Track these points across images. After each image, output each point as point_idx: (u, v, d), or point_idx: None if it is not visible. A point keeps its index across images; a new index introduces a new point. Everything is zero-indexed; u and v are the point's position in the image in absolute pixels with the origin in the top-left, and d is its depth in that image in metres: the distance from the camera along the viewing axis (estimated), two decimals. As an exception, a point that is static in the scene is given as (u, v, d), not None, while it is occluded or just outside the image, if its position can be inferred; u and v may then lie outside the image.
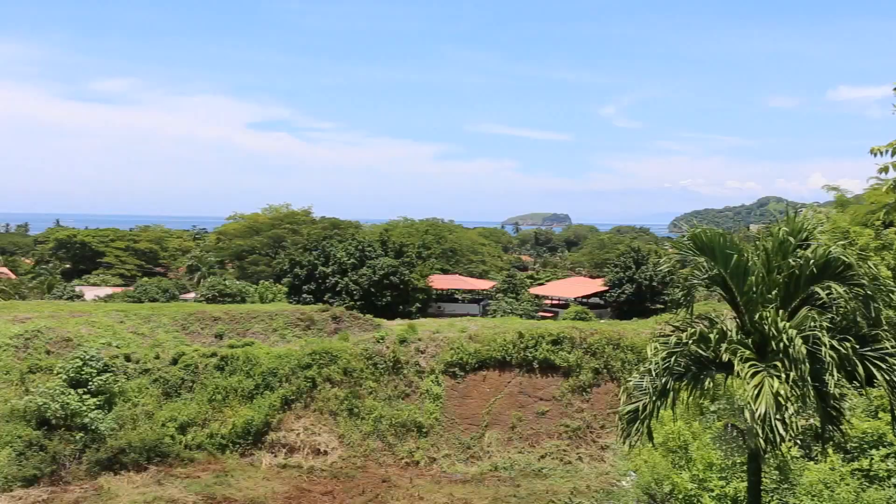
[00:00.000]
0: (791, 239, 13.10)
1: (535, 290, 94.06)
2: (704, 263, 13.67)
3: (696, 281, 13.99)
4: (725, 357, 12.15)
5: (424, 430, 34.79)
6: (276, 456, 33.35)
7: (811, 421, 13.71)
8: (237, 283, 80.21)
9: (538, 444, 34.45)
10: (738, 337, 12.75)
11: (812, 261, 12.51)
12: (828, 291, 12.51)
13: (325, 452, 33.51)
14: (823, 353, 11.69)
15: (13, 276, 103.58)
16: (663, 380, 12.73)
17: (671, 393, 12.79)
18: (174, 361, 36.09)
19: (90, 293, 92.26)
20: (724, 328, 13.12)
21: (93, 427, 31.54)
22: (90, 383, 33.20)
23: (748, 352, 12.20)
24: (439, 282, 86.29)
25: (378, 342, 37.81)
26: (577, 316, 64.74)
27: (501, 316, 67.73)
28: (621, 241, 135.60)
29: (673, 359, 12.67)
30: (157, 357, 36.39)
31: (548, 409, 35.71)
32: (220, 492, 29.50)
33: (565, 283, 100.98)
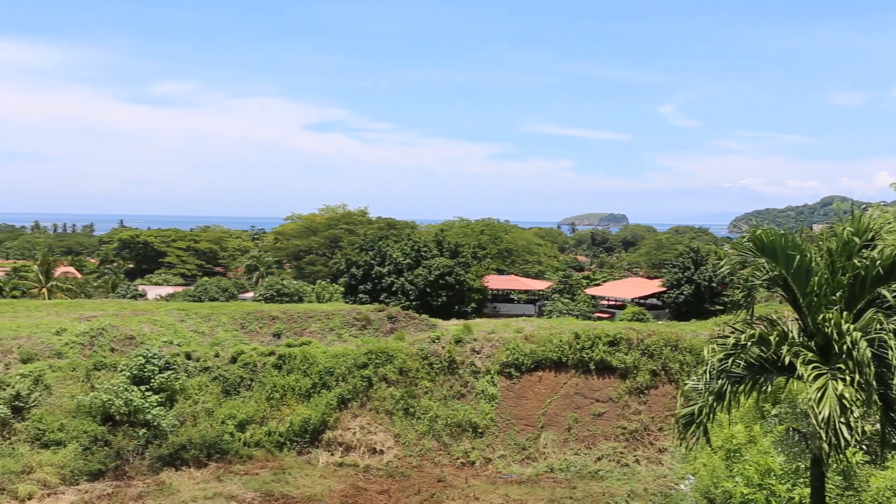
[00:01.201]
0: (856, 239, 12.79)
1: (591, 291, 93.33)
2: (765, 264, 13.43)
3: (756, 282, 13.76)
4: (787, 359, 11.91)
5: (480, 430, 34.77)
6: (332, 454, 33.64)
7: (877, 426, 13.35)
8: (294, 282, 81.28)
9: (594, 446, 34.17)
10: (801, 339, 12.49)
11: (879, 262, 12.18)
12: (895, 294, 12.18)
13: (381, 451, 33.70)
14: (890, 357, 11.38)
15: (79, 276, 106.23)
16: (720, 382, 12.53)
17: (728, 395, 12.56)
18: (233, 360, 36.66)
19: (152, 292, 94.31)
20: (786, 330, 12.86)
21: (155, 423, 32.19)
22: (152, 380, 33.92)
23: (811, 354, 11.95)
24: (495, 282, 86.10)
25: (433, 342, 37.90)
26: (635, 317, 64.09)
27: (557, 316, 67.31)
28: (679, 241, 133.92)
29: (730, 360, 12.46)
30: (217, 355, 37.00)
31: (604, 410, 35.39)
32: (277, 489, 29.87)
33: (622, 284, 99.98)
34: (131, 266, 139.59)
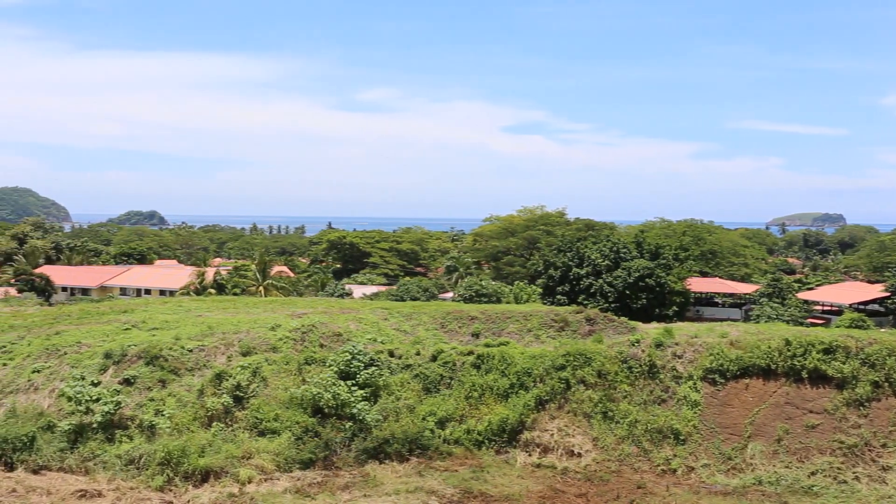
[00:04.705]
0: None
1: (803, 295, 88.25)
2: None
3: None
4: None
5: (682, 437, 33.60)
6: (530, 455, 33.64)
7: None
8: (493, 283, 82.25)
9: (807, 460, 32.10)
10: None
11: None
12: None
13: (579, 454, 33.33)
14: None
15: (292, 275, 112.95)
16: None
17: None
18: (433, 358, 37.52)
19: (358, 291, 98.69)
20: None
21: (360, 417, 33.47)
22: (358, 376, 35.34)
23: None
24: (698, 285, 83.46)
25: (633, 345, 37.06)
26: (853, 323, 59.74)
27: (765, 321, 64.24)
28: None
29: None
30: (418, 353, 38.01)
31: (818, 422, 33.18)
32: (476, 487, 30.23)
33: (838, 288, 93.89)
34: (338, 266, 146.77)
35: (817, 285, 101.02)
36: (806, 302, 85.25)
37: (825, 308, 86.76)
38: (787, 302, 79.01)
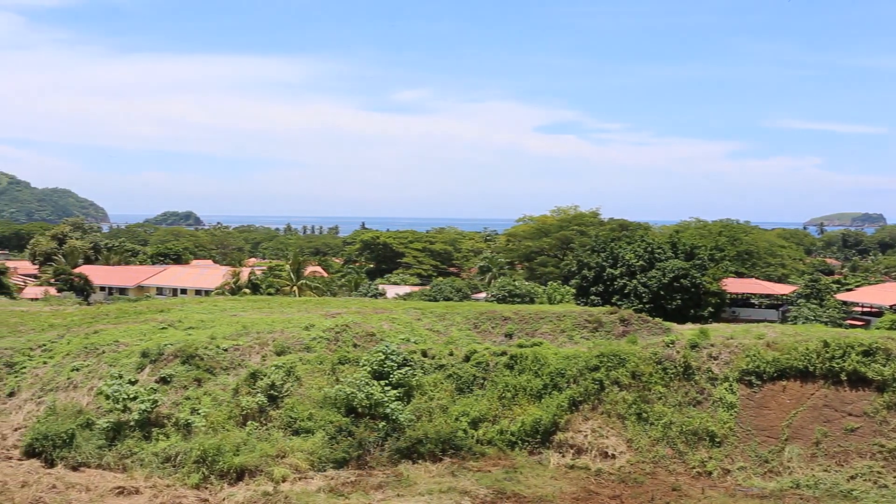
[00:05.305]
0: None
1: (842, 297, 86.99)
2: None
3: None
4: None
5: (717, 439, 33.26)
6: (563, 456, 33.49)
7: None
8: (526, 283, 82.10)
9: (846, 464, 31.60)
10: None
11: None
12: None
13: (613, 456, 33.12)
14: None
15: (325, 275, 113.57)
16: None
17: None
18: (467, 358, 37.50)
19: (391, 291, 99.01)
20: None
21: (393, 417, 33.55)
22: (391, 376, 35.43)
23: None
24: (734, 285, 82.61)
25: (668, 346, 36.76)
26: (894, 325, 58.77)
27: (803, 323, 63.50)
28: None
29: None
30: (451, 354, 38.02)
31: (858, 425, 32.66)
32: (509, 487, 30.17)
33: (879, 289, 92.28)
34: (372, 266, 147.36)
35: (856, 286, 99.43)
36: (845, 303, 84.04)
37: (865, 309, 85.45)
38: (826, 303, 77.97)
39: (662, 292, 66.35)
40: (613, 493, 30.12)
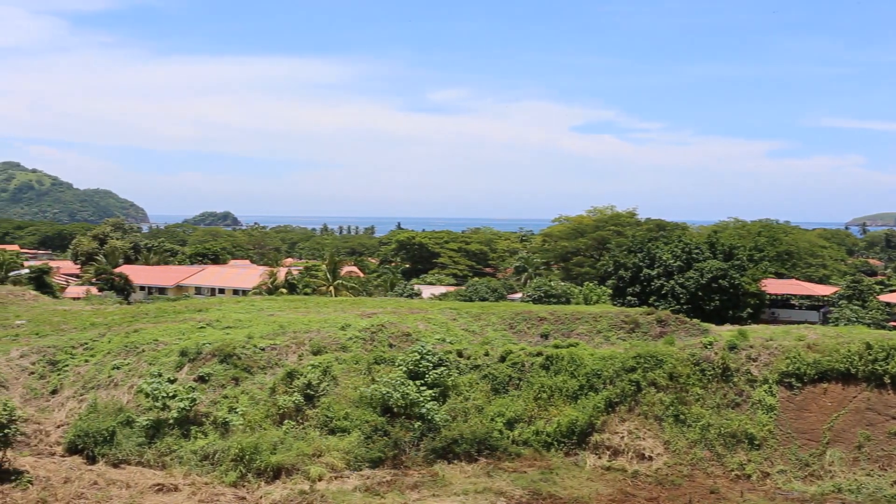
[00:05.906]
0: None
1: (885, 298, 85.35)
2: None
3: None
4: None
5: (756, 442, 32.84)
6: (599, 457, 33.30)
7: None
8: (562, 284, 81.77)
9: (890, 468, 31.04)
10: None
11: None
12: None
13: (650, 458, 32.86)
14: None
15: (361, 275, 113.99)
16: None
17: None
18: (502, 359, 37.42)
19: (426, 291, 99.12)
20: None
21: (429, 417, 33.59)
22: (427, 376, 35.48)
23: None
24: (773, 286, 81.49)
25: (706, 348, 36.38)
26: (938, 327, 57.63)
27: (845, 324, 62.45)
28: None
29: None
30: (487, 354, 37.97)
31: (902, 429, 32.06)
32: (545, 488, 30.07)
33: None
34: (407, 266, 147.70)
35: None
36: (888, 304, 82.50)
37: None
38: (868, 304, 76.70)
39: (700, 293, 65.64)
40: (650, 496, 29.89)
